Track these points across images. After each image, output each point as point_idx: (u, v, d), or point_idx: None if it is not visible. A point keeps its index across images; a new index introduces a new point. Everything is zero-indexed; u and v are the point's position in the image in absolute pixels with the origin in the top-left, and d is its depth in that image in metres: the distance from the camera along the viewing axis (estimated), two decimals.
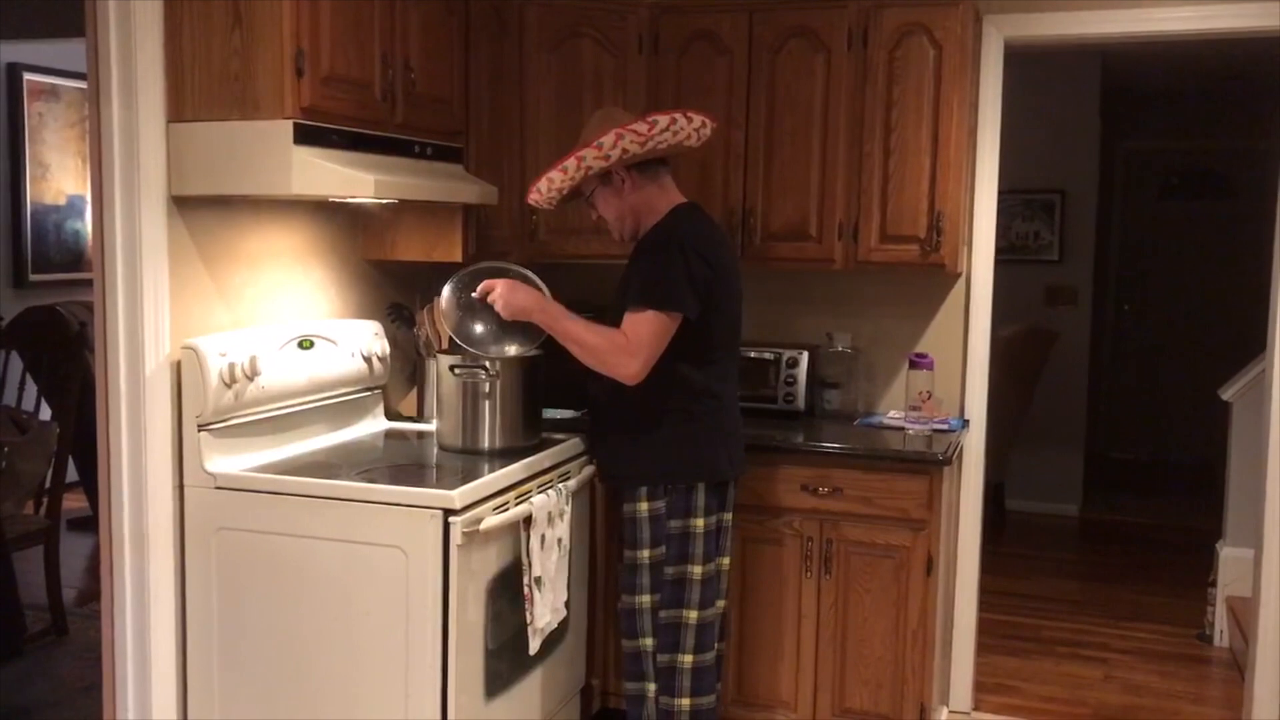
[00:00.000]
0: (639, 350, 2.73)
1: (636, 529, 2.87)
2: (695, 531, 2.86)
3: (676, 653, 2.88)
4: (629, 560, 2.90)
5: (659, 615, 2.88)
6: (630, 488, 2.88)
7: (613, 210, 2.91)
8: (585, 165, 2.80)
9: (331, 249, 3.32)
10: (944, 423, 3.50)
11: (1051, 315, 6.49)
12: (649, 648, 2.89)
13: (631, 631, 2.91)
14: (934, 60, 3.34)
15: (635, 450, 2.88)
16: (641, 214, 2.89)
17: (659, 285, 2.73)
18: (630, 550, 2.90)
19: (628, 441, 2.90)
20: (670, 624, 2.87)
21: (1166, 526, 6.29)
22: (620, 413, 2.89)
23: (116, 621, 2.76)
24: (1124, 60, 6.22)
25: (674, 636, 2.88)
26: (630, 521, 2.89)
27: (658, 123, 2.77)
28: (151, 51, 2.63)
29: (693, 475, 2.85)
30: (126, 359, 2.68)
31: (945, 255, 3.38)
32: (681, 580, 2.86)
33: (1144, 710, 3.91)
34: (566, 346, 2.84)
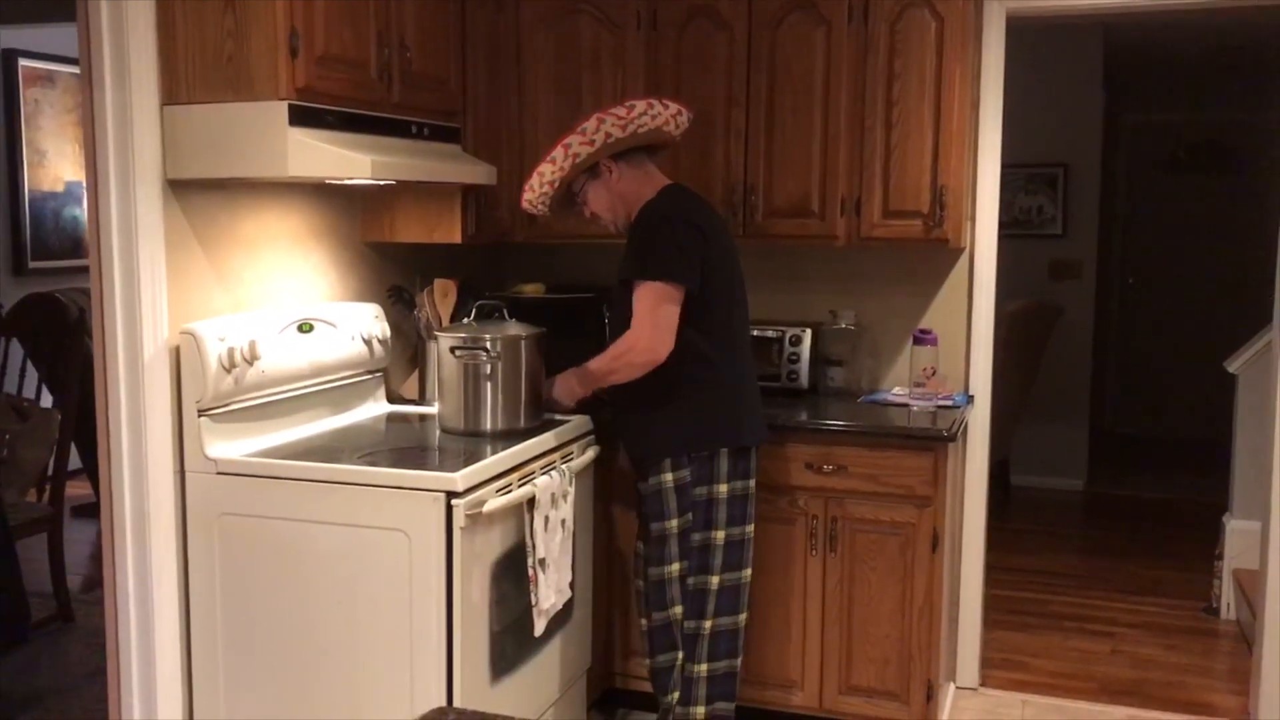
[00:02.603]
0: (648, 326, 2.79)
1: (663, 500, 2.92)
2: (719, 497, 2.95)
3: (701, 619, 2.99)
4: (656, 533, 2.95)
5: (687, 583, 2.97)
6: (654, 461, 2.92)
7: (604, 202, 2.95)
8: (572, 153, 2.84)
9: (330, 231, 3.30)
10: (948, 399, 3.48)
11: (1056, 290, 6.46)
12: (678, 616, 2.98)
13: (662, 602, 2.97)
14: (935, 33, 3.30)
15: (656, 424, 2.94)
16: (631, 202, 2.93)
17: (651, 257, 2.80)
18: (657, 522, 2.94)
19: (647, 417, 2.95)
20: (698, 590, 2.98)
21: (1172, 500, 6.28)
22: (637, 391, 2.92)
23: (120, 608, 2.76)
24: (1127, 32, 6.17)
25: (700, 603, 2.98)
26: (655, 495, 2.93)
27: (635, 106, 2.85)
28: (144, 34, 2.60)
29: (713, 441, 2.93)
30: (125, 345, 2.66)
31: (949, 230, 3.35)
32: (706, 546, 2.96)
33: (1151, 684, 3.90)
34: (609, 381, 2.95)
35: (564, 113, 3.58)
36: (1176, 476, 6.79)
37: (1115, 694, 3.82)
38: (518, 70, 3.59)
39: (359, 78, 2.83)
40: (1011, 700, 3.75)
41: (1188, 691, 3.85)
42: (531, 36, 3.58)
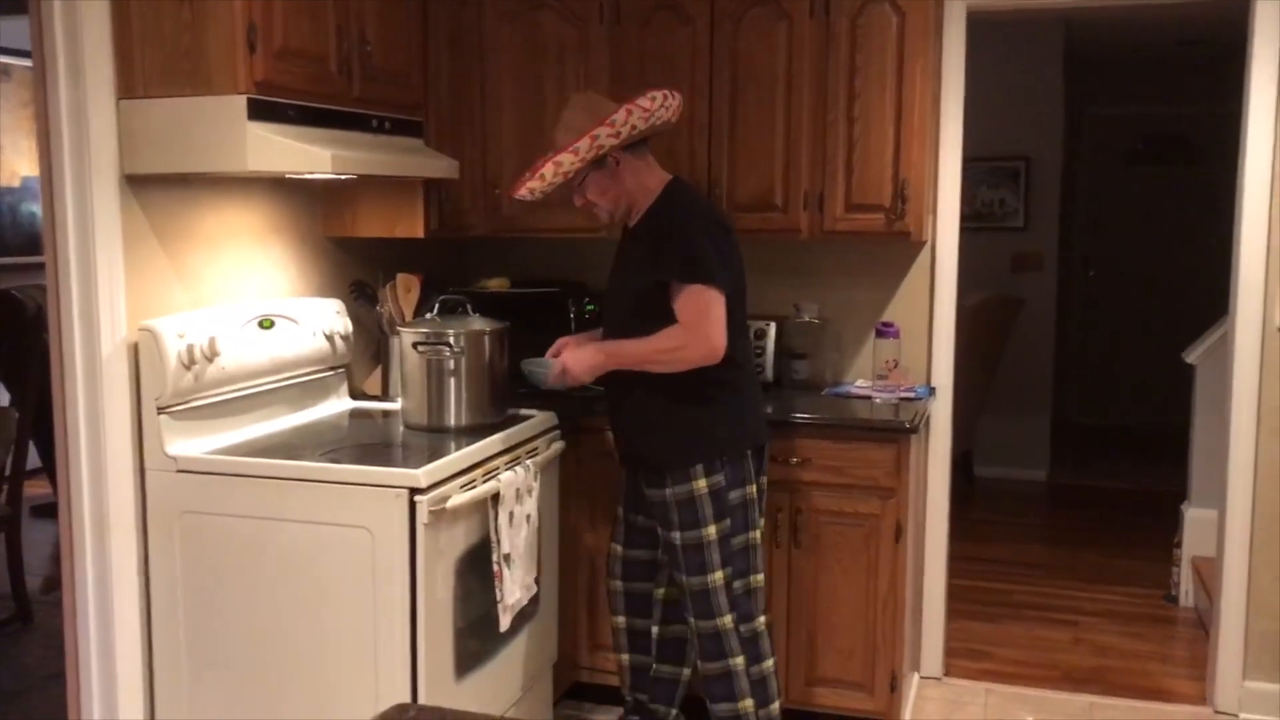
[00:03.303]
0: (707, 325, 2.72)
1: (697, 508, 2.82)
2: (751, 498, 2.92)
3: (754, 619, 2.94)
4: (691, 541, 2.84)
5: (733, 587, 2.88)
6: (683, 467, 2.82)
7: (608, 193, 2.85)
8: (598, 144, 2.74)
9: (291, 226, 3.28)
10: (911, 391, 3.50)
11: (1018, 282, 6.52)
12: (730, 624, 2.88)
13: (707, 612, 2.87)
14: (897, 28, 3.32)
15: (684, 429, 2.84)
16: (634, 193, 2.85)
17: (701, 261, 2.72)
18: (692, 530, 2.83)
19: (673, 422, 2.84)
20: (744, 592, 2.92)
21: (1133, 490, 6.36)
22: (662, 399, 2.83)
23: (79, 608, 2.73)
24: (1087, 27, 6.23)
25: (749, 604, 2.93)
26: (687, 502, 2.82)
27: (655, 98, 2.77)
28: (99, 26, 2.57)
29: (744, 443, 2.89)
30: (82, 342, 2.63)
31: (910, 224, 3.37)
32: (746, 548, 2.92)
33: (1112, 671, 3.95)
34: (643, 369, 2.80)
35: (527, 107, 3.57)
36: (1137, 466, 6.87)
37: (1077, 682, 3.86)
38: (480, 64, 3.57)
39: (319, 72, 2.81)
40: (975, 689, 3.79)
41: (1148, 678, 3.90)
42: (494, 30, 3.56)
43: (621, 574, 3.09)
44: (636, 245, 2.85)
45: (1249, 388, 3.48)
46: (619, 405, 2.95)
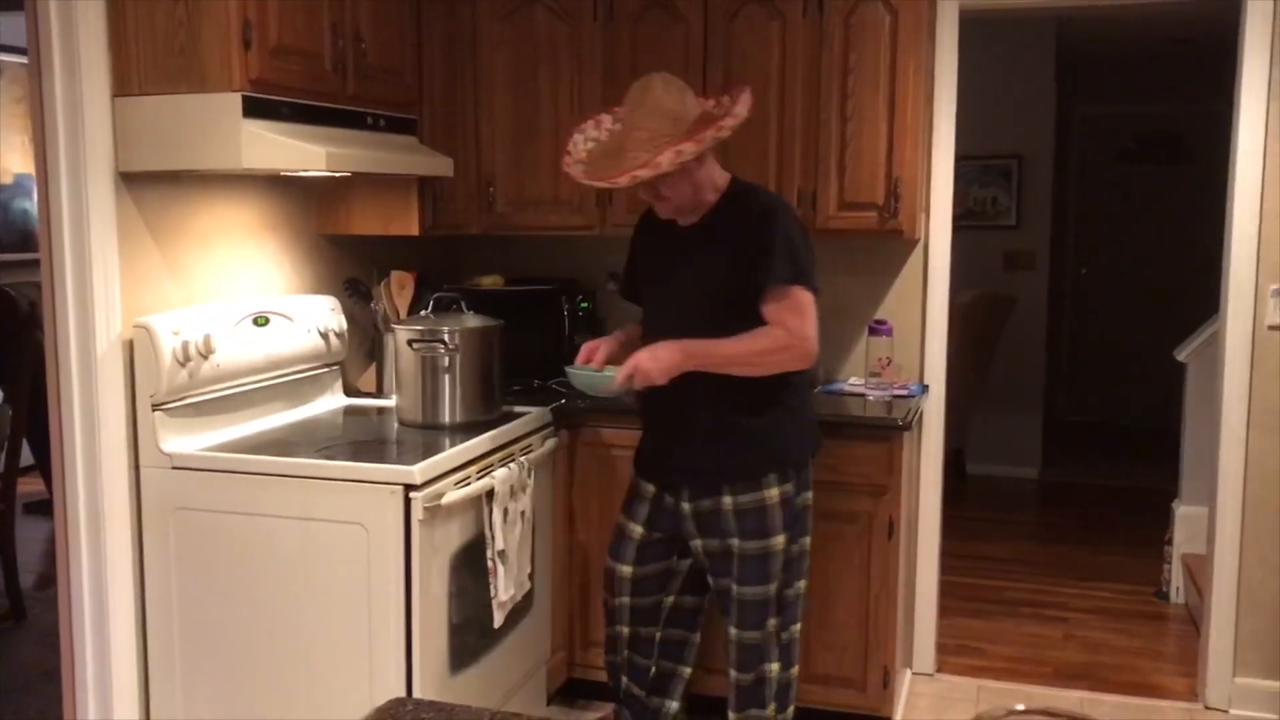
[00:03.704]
0: (807, 328, 2.64)
1: (767, 517, 2.71)
2: (809, 504, 2.86)
3: (793, 625, 2.88)
4: (754, 550, 2.72)
5: (785, 595, 2.81)
6: (752, 478, 2.71)
7: (685, 188, 2.65)
8: (718, 138, 2.58)
9: (285, 224, 3.28)
10: (904, 388, 3.52)
11: (1010, 280, 6.54)
12: (773, 630, 2.81)
13: (757, 622, 2.78)
14: (890, 27, 3.33)
15: (760, 438, 2.72)
16: (703, 188, 2.69)
17: (801, 263, 2.64)
18: (755, 540, 2.72)
19: (750, 432, 2.71)
20: (792, 599, 2.85)
21: (1124, 487, 6.38)
22: (734, 406, 2.70)
23: (74, 605, 2.73)
24: (1079, 25, 6.24)
25: (794, 610, 2.86)
26: (753, 511, 2.71)
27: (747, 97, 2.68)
28: (94, 24, 2.57)
29: (810, 449, 2.84)
30: (77, 339, 2.63)
31: (903, 222, 3.39)
32: (800, 554, 2.84)
33: (1103, 667, 3.97)
34: (727, 371, 2.64)
35: (520, 104, 3.58)
36: (1128, 463, 6.90)
37: (1068, 678, 3.88)
38: (474, 62, 3.58)
39: (313, 69, 2.81)
40: (967, 685, 3.80)
41: (1139, 674, 3.92)
42: (487, 28, 3.57)
43: (631, 591, 2.90)
44: (711, 244, 2.69)
45: (1240, 385, 3.50)
46: (676, 413, 2.74)
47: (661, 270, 2.81)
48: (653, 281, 2.84)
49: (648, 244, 2.88)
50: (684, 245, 2.74)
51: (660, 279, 2.81)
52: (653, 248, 2.85)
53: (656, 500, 2.83)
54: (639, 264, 2.92)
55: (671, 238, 2.77)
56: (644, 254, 2.90)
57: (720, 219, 2.70)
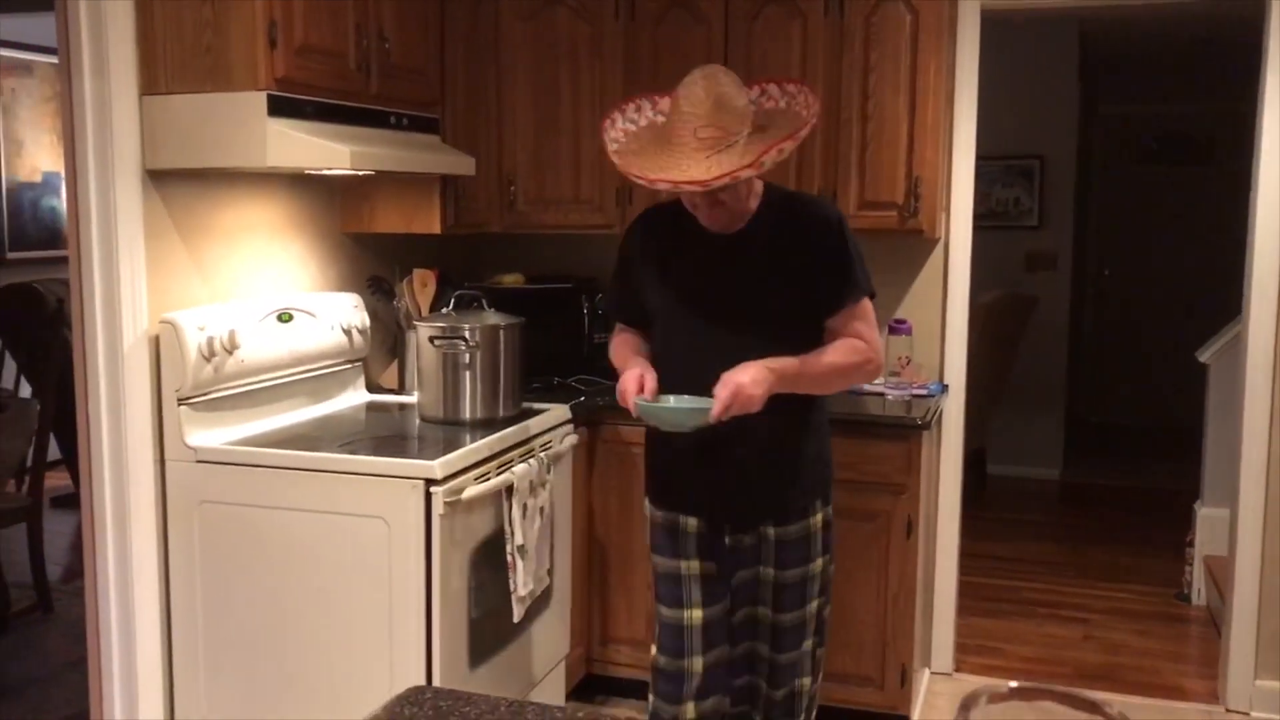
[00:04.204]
0: (878, 338, 2.50)
1: (810, 544, 2.54)
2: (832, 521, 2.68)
3: (824, 644, 2.70)
4: (794, 578, 2.52)
5: (821, 614, 2.63)
6: (801, 505, 2.52)
7: (745, 194, 2.39)
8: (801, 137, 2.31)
9: (309, 222, 3.32)
10: (923, 388, 3.52)
11: (1031, 281, 6.52)
12: (809, 647, 2.62)
13: (795, 643, 2.57)
14: (910, 26, 3.34)
15: (814, 463, 2.55)
16: (748, 196, 2.42)
17: (864, 270, 2.46)
18: (796, 568, 2.52)
19: (809, 456, 2.53)
20: (826, 616, 2.67)
21: (1146, 489, 6.36)
22: (801, 429, 2.51)
23: (100, 596, 2.77)
24: (1102, 25, 6.22)
25: (825, 629, 2.68)
26: (799, 540, 2.51)
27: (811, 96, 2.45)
28: (123, 23, 2.61)
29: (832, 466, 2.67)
30: (104, 334, 2.67)
31: (923, 221, 3.39)
32: (832, 570, 2.66)
33: (1123, 669, 3.96)
34: (813, 391, 2.46)
35: (542, 104, 3.60)
36: (1150, 465, 6.86)
37: (1088, 679, 3.87)
38: (496, 62, 3.60)
39: (338, 68, 2.84)
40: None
41: (1159, 676, 3.91)
42: (509, 28, 3.60)
43: (703, 646, 2.51)
44: (766, 256, 2.41)
45: (1262, 387, 3.49)
46: (720, 442, 2.40)
47: (692, 287, 2.46)
48: (678, 300, 2.47)
49: (660, 257, 2.51)
50: (724, 257, 2.43)
51: (691, 297, 2.46)
52: (670, 262, 2.50)
53: (700, 533, 2.52)
54: (646, 280, 2.53)
55: (701, 249, 2.45)
56: (656, 269, 2.51)
57: (769, 228, 2.42)
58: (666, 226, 2.51)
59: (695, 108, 2.26)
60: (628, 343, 2.58)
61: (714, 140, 2.23)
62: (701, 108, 2.25)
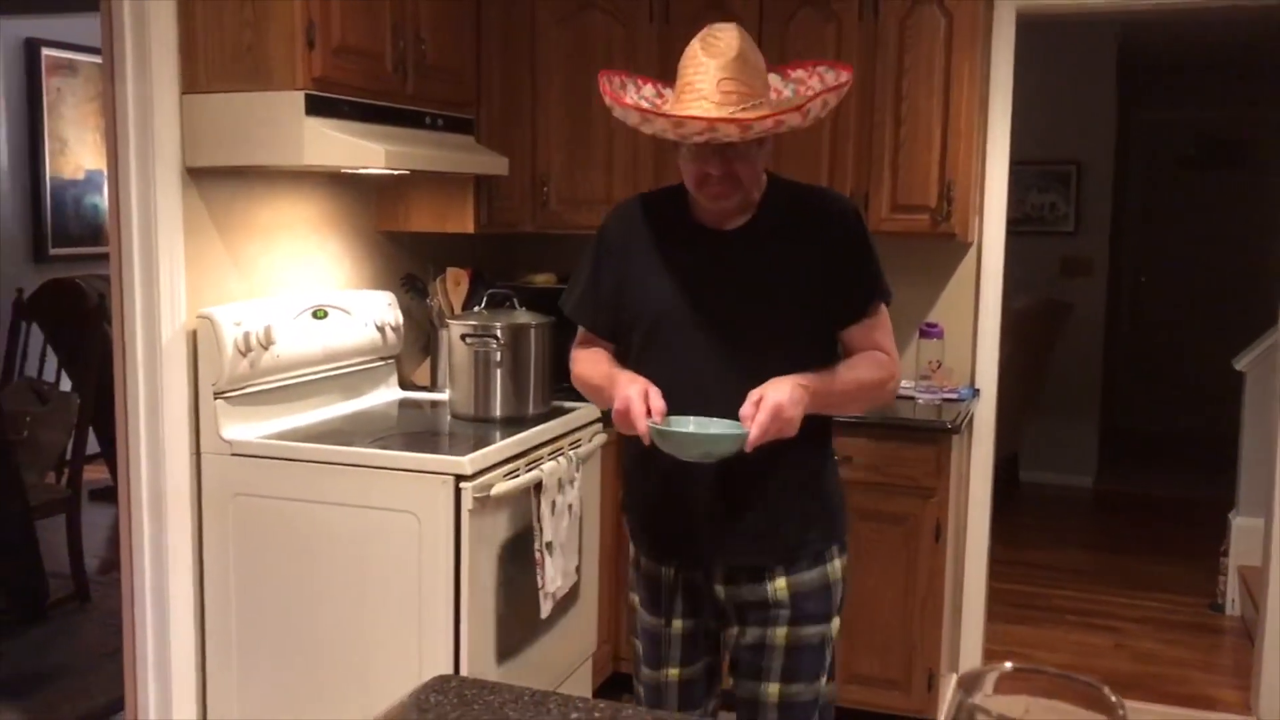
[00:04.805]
0: (898, 357, 2.18)
1: (829, 597, 2.11)
2: None
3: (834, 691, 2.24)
4: (809, 640, 2.10)
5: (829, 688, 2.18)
6: (817, 551, 2.10)
7: (756, 169, 2.02)
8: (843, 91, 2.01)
9: (345, 220, 3.36)
10: (954, 392, 3.51)
11: (1067, 287, 6.48)
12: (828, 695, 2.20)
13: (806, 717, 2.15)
14: (945, 29, 3.33)
15: (830, 498, 2.15)
16: (757, 180, 2.06)
17: (882, 272, 2.14)
18: (813, 626, 2.09)
19: (825, 491, 2.14)
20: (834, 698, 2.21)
21: (1180, 498, 6.30)
22: (820, 457, 2.15)
23: (136, 586, 2.82)
24: (1141, 29, 6.17)
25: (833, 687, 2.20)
26: (814, 593, 2.09)
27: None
28: (165, 24, 2.66)
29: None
30: (143, 328, 2.72)
31: (956, 225, 3.39)
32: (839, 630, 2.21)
33: (1154, 678, 3.93)
34: (839, 412, 2.13)
35: (576, 106, 3.63)
36: (1185, 474, 6.80)
37: (1118, 687, 3.77)
38: (531, 63, 3.63)
39: (374, 69, 2.88)
40: None
41: (1191, 686, 3.87)
42: (545, 30, 3.63)
43: (679, 702, 2.19)
44: (780, 254, 2.05)
45: None
46: (717, 475, 2.02)
47: (684, 290, 2.05)
48: (666, 306, 2.06)
49: (644, 254, 2.11)
50: (724, 255, 2.06)
51: (682, 303, 2.05)
52: (657, 260, 2.09)
53: (686, 584, 2.14)
54: (626, 281, 2.13)
55: (696, 245, 2.08)
56: (639, 267, 2.11)
57: (776, 222, 2.06)
58: (653, 218, 2.14)
59: (718, 57, 1.94)
60: (601, 356, 2.17)
61: (739, 96, 1.91)
62: (725, 58, 1.94)
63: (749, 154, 1.96)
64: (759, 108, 1.92)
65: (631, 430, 1.94)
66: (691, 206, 2.09)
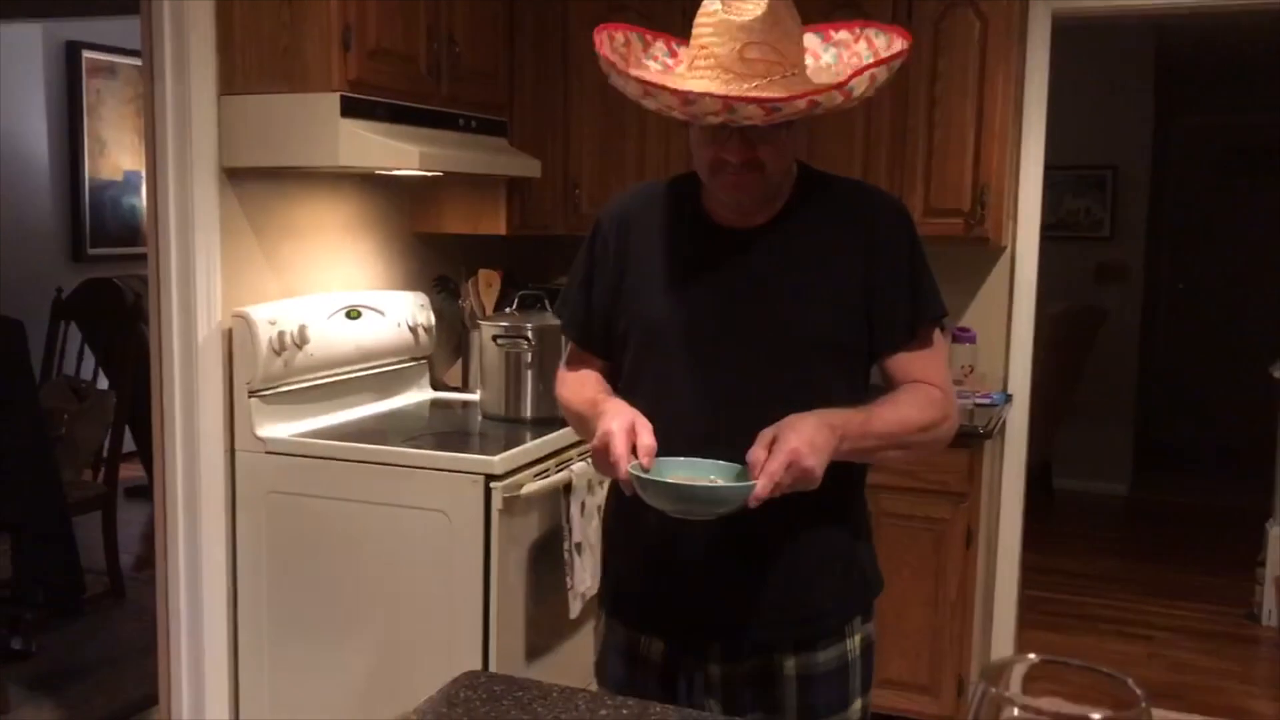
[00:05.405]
0: (954, 392, 1.76)
1: (848, 679, 1.75)
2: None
3: None
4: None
5: None
6: (835, 625, 1.74)
7: (785, 154, 1.65)
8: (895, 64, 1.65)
9: (379, 221, 3.38)
10: (986, 397, 3.49)
11: (1102, 293, 6.42)
12: None
13: None
14: (979, 32, 3.32)
15: (843, 567, 1.74)
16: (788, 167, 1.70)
17: (937, 287, 1.74)
18: (830, 716, 1.74)
19: (832, 561, 1.73)
20: None
21: (1216, 507, 6.22)
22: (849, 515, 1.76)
23: (171, 582, 2.85)
24: (1179, 32, 6.11)
25: None
26: (833, 675, 1.73)
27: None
28: (204, 26, 2.69)
29: None
30: (180, 327, 2.75)
31: (990, 229, 3.37)
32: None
33: (1189, 688, 3.88)
34: (873, 459, 1.69)
35: (608, 109, 3.63)
36: (1221, 482, 6.71)
37: (1151, 697, 3.74)
38: (563, 66, 3.64)
39: (409, 71, 2.90)
40: None
41: (1226, 696, 3.83)
42: (577, 33, 3.64)
43: None
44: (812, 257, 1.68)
45: None
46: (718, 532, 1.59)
47: (692, 301, 1.69)
48: (670, 319, 1.69)
49: (646, 258, 1.74)
50: (741, 260, 1.68)
51: (690, 316, 1.68)
52: (660, 265, 1.72)
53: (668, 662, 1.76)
54: (623, 289, 1.75)
55: (709, 247, 1.70)
56: (639, 274, 1.74)
57: (810, 219, 1.70)
58: (658, 211, 1.78)
59: (743, 15, 1.55)
60: (589, 379, 1.81)
61: (766, 66, 1.53)
62: (751, 15, 1.54)
63: (776, 136, 1.59)
64: (790, 82, 1.54)
65: (610, 474, 1.55)
66: (705, 199, 1.72)
